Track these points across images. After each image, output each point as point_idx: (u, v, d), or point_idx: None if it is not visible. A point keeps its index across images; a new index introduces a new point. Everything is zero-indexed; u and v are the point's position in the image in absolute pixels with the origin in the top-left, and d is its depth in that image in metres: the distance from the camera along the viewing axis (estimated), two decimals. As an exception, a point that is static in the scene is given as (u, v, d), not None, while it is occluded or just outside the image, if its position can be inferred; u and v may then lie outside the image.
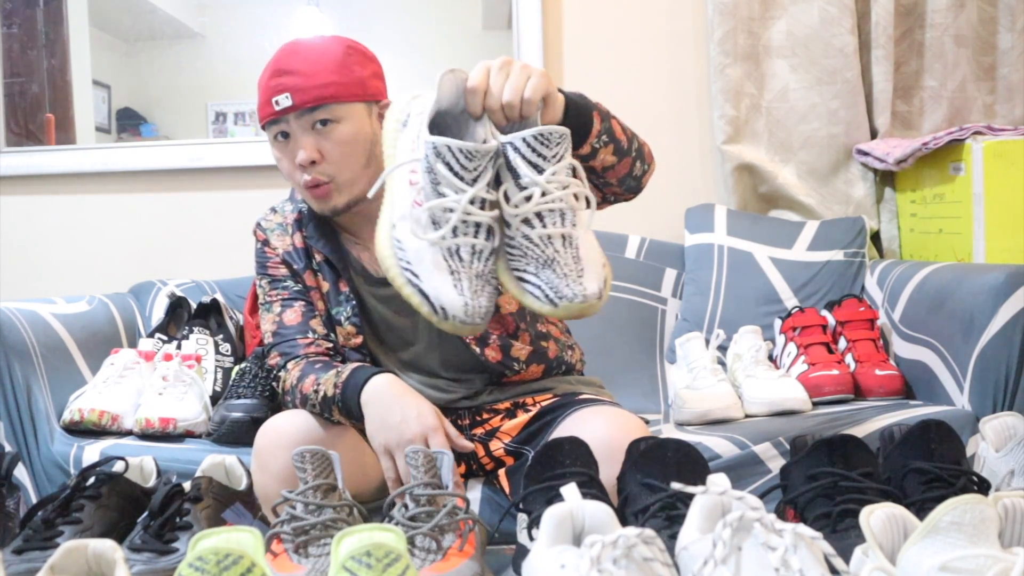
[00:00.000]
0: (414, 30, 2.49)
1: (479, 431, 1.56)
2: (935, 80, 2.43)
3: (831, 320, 2.10)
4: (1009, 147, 2.03)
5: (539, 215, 1.07)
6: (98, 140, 2.76)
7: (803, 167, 2.44)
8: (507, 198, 1.08)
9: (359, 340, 1.53)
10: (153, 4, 2.78)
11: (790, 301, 2.22)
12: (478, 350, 1.53)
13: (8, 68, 2.65)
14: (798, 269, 2.26)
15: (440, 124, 1.12)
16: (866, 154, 2.38)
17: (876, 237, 2.43)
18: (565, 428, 1.42)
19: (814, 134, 2.42)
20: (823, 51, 2.40)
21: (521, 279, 1.08)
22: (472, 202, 1.05)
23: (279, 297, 1.56)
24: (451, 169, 1.05)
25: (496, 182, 1.09)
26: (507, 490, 1.52)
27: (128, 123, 2.79)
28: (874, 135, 2.43)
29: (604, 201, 1.43)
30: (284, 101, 1.42)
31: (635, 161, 1.39)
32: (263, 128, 1.51)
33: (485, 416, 1.57)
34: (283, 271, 1.57)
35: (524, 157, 1.07)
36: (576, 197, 1.10)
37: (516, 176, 1.07)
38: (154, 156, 2.56)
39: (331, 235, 1.55)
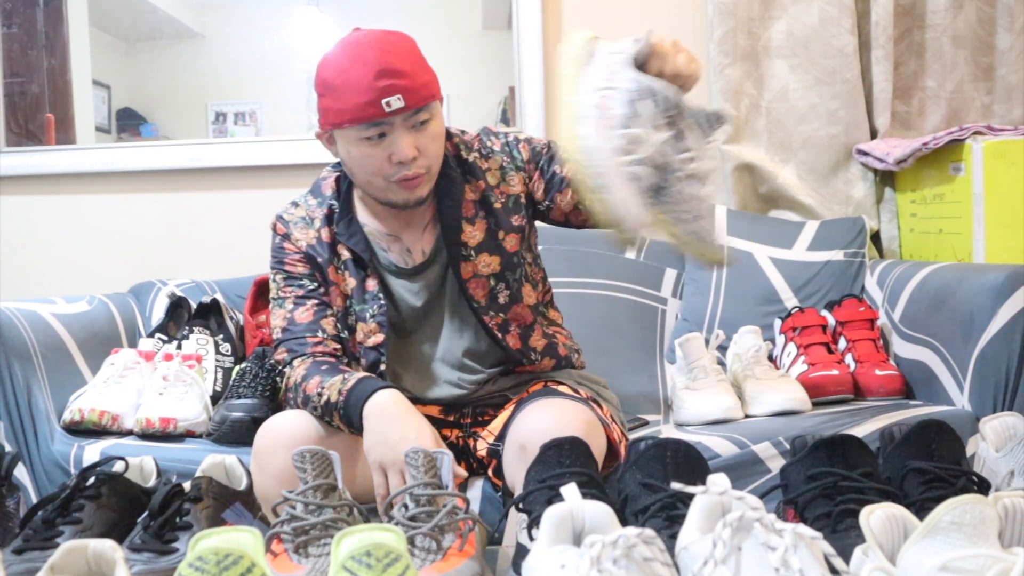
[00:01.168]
0: (414, 30, 2.48)
1: (480, 430, 1.56)
2: (934, 80, 2.43)
3: (831, 320, 2.10)
4: (1009, 147, 2.03)
5: (697, 176, 1.22)
6: (98, 140, 2.76)
7: (803, 167, 2.44)
8: (676, 151, 1.22)
9: (380, 339, 1.53)
10: (153, 4, 2.78)
11: (790, 301, 2.22)
12: (500, 335, 1.54)
13: (8, 68, 2.65)
14: (798, 269, 2.26)
15: None
16: (866, 154, 2.37)
17: (876, 237, 2.43)
18: (514, 424, 1.42)
19: (814, 134, 2.42)
20: (823, 51, 2.40)
21: (683, 223, 1.21)
22: (663, 138, 1.19)
23: (292, 294, 1.57)
24: (657, 109, 1.19)
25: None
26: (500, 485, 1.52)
27: (128, 123, 2.79)
28: (874, 135, 2.43)
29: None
30: (396, 103, 1.40)
31: None
32: (354, 125, 1.43)
33: (488, 416, 1.57)
34: (300, 268, 1.57)
35: (702, 125, 1.23)
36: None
37: (681, 136, 1.22)
38: (154, 156, 2.56)
39: (360, 233, 1.55)
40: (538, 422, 1.35)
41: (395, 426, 1.37)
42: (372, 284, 1.54)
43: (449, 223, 1.53)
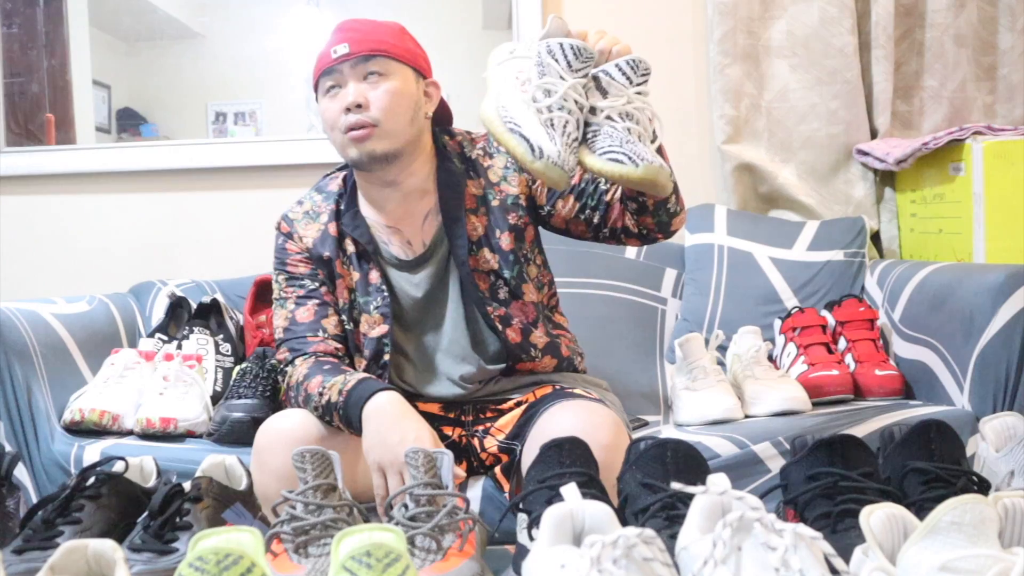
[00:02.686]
0: (414, 30, 2.49)
1: (480, 428, 1.56)
2: (935, 80, 2.43)
3: (831, 320, 2.10)
4: (1009, 147, 2.03)
5: (622, 114, 1.33)
6: (98, 140, 2.76)
7: (803, 167, 2.44)
8: (596, 105, 1.33)
9: (384, 329, 1.55)
10: (153, 4, 2.78)
11: (790, 301, 2.22)
12: (500, 327, 1.55)
13: (8, 68, 2.65)
14: (798, 269, 2.26)
15: None
16: (866, 154, 2.37)
17: (876, 237, 2.43)
18: (540, 425, 1.43)
19: (814, 134, 2.42)
20: (823, 51, 2.40)
21: (604, 153, 1.30)
22: (572, 89, 1.29)
23: (293, 294, 1.59)
24: (560, 61, 1.30)
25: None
26: (505, 488, 1.52)
27: (128, 123, 2.79)
28: (874, 135, 2.43)
29: (638, 237, 1.58)
30: (341, 49, 1.50)
31: (673, 193, 1.49)
32: (316, 85, 1.56)
33: (489, 415, 1.57)
34: (301, 268, 1.60)
35: (621, 71, 1.33)
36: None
37: (604, 93, 1.33)
38: (154, 156, 2.56)
39: (364, 225, 1.58)
40: (568, 422, 1.37)
41: (394, 428, 1.38)
42: (375, 277, 1.56)
43: (452, 213, 1.55)
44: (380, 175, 1.56)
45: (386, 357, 1.55)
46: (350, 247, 1.58)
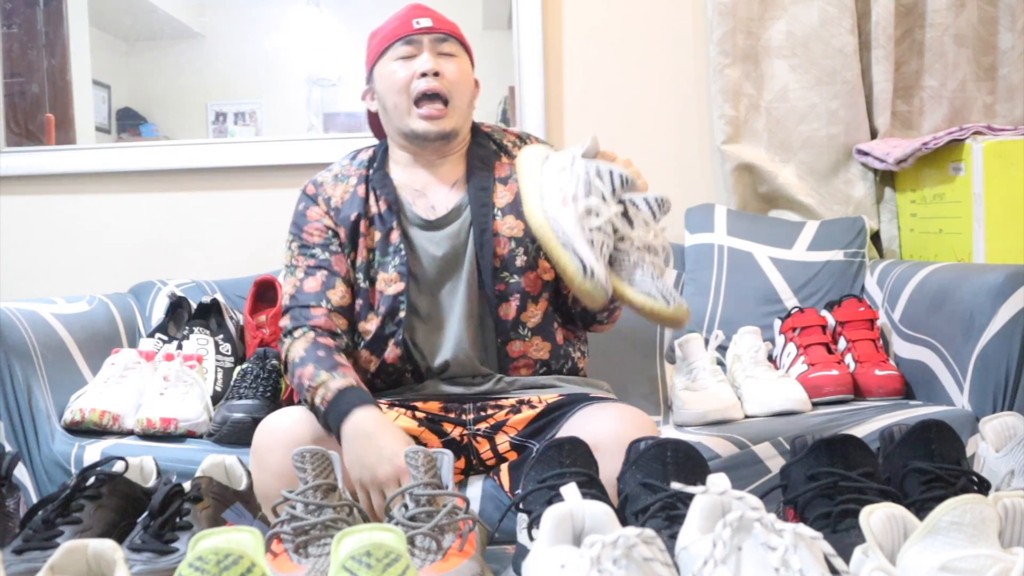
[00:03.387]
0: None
1: (483, 426, 1.56)
2: (935, 80, 2.43)
3: (831, 320, 2.10)
4: (1009, 147, 2.03)
5: (648, 247, 1.40)
6: (98, 140, 2.75)
7: (803, 167, 2.44)
8: (625, 233, 1.41)
9: (400, 287, 1.59)
10: (153, 4, 2.78)
11: (790, 301, 2.22)
12: (496, 302, 1.58)
13: (8, 68, 2.65)
14: (798, 269, 2.26)
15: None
16: (866, 154, 2.37)
17: (876, 237, 2.43)
18: (573, 424, 1.46)
19: (814, 134, 2.42)
20: (823, 51, 2.40)
21: (639, 285, 1.39)
22: (615, 215, 1.38)
23: (304, 263, 1.62)
24: (607, 186, 1.39)
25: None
26: (507, 487, 1.52)
27: (128, 123, 2.79)
28: (874, 135, 2.43)
29: (586, 328, 1.71)
30: (424, 22, 1.60)
31: (605, 317, 1.66)
32: (384, 52, 1.63)
33: (489, 411, 1.57)
34: (316, 238, 1.63)
35: (649, 205, 1.41)
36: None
37: (631, 222, 1.41)
38: (154, 156, 2.56)
39: (391, 186, 1.64)
40: (609, 422, 1.41)
41: (370, 447, 1.40)
42: (395, 236, 1.60)
43: (480, 181, 1.63)
44: (430, 153, 1.64)
45: (401, 314, 1.58)
46: (374, 207, 1.63)
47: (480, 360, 1.60)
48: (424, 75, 1.57)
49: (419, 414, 1.58)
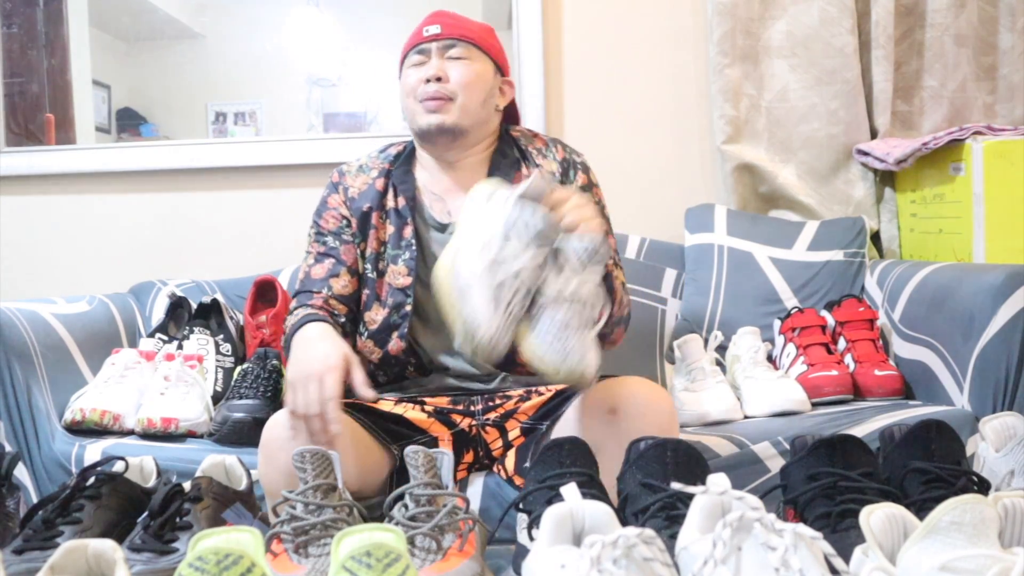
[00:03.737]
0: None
1: (492, 415, 1.57)
2: (935, 80, 2.43)
3: (830, 320, 2.10)
4: (1009, 147, 2.03)
5: (570, 296, 1.31)
6: (98, 140, 2.76)
7: (803, 167, 2.44)
8: (547, 281, 1.33)
9: (408, 281, 1.62)
10: (153, 4, 2.78)
11: (790, 301, 2.22)
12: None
13: (8, 68, 2.65)
14: (798, 269, 2.26)
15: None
16: (866, 154, 2.37)
17: (876, 237, 2.43)
18: (589, 395, 1.47)
19: (814, 134, 2.42)
20: (823, 51, 2.40)
21: (538, 339, 1.31)
22: (531, 261, 1.31)
23: (316, 250, 1.68)
24: (527, 232, 1.31)
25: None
26: (511, 471, 1.53)
27: (128, 123, 2.79)
28: (874, 135, 2.43)
29: None
30: (432, 29, 1.65)
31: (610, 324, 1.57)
32: (404, 61, 1.69)
33: (498, 401, 1.58)
34: (331, 225, 1.68)
35: (577, 253, 1.33)
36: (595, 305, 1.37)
37: (560, 270, 1.33)
38: (154, 156, 2.56)
39: (412, 185, 1.68)
40: (631, 389, 1.43)
41: (308, 347, 1.47)
42: (408, 232, 1.64)
43: None
44: (441, 150, 1.66)
45: (407, 307, 1.61)
46: (391, 202, 1.67)
47: (482, 368, 1.61)
48: (428, 81, 1.61)
49: (427, 407, 1.58)
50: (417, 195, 1.67)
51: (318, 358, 1.42)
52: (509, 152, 1.68)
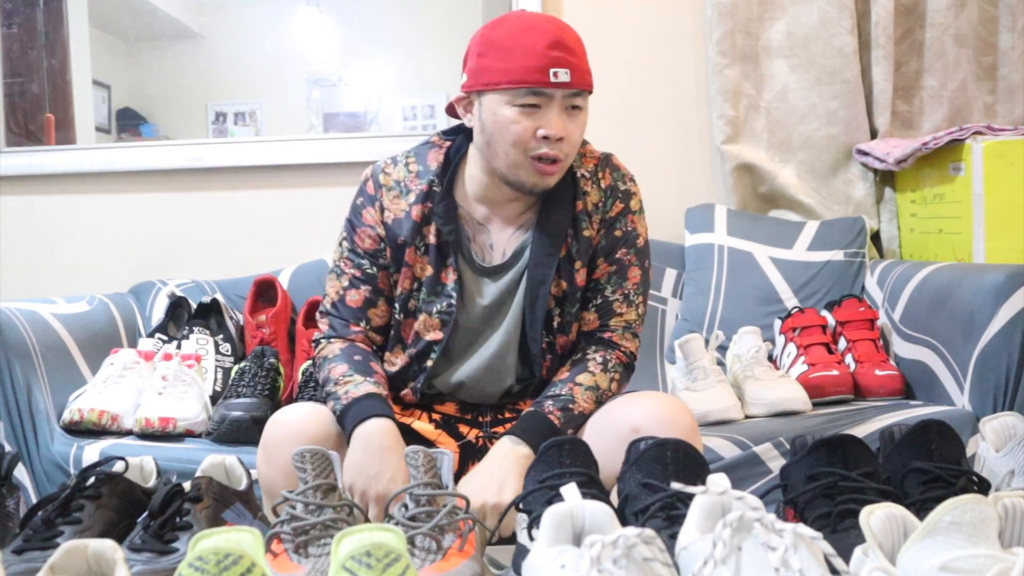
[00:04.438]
0: (414, 30, 2.49)
1: (501, 429, 1.55)
2: (935, 80, 2.43)
3: (831, 320, 2.10)
4: (1009, 147, 2.03)
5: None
6: (98, 140, 2.76)
7: (803, 167, 2.44)
8: None
9: (439, 336, 1.51)
10: (153, 4, 2.78)
11: (790, 301, 2.22)
12: (539, 359, 1.52)
13: (8, 68, 2.65)
14: (798, 269, 2.26)
15: None
16: (866, 154, 2.37)
17: (876, 237, 2.43)
18: (608, 410, 1.44)
19: (814, 134, 2.42)
20: (823, 51, 2.40)
21: None
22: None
23: (351, 273, 1.54)
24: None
25: None
26: None
27: (128, 123, 2.79)
28: (874, 135, 2.43)
29: None
30: (563, 76, 1.39)
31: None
32: (502, 89, 1.41)
33: (508, 415, 1.56)
34: (368, 244, 1.53)
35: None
36: None
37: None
38: (154, 156, 2.56)
39: (455, 221, 1.50)
40: (652, 407, 1.39)
41: (374, 461, 1.37)
42: (449, 279, 1.50)
43: (552, 228, 1.49)
44: (492, 206, 1.51)
45: (429, 363, 1.52)
46: (430, 236, 1.50)
47: (496, 398, 1.58)
48: (547, 138, 1.40)
49: (435, 416, 1.57)
50: (461, 227, 1.51)
51: (386, 479, 1.35)
52: (563, 182, 1.49)
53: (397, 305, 1.53)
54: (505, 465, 1.38)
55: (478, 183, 1.51)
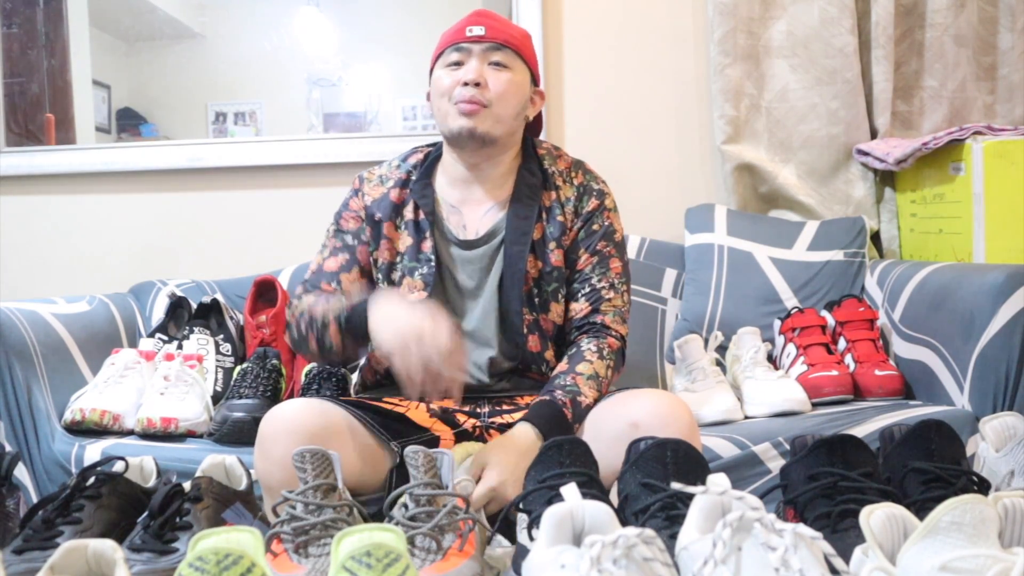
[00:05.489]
0: (414, 30, 2.48)
1: (499, 420, 1.56)
2: (935, 80, 2.43)
3: (830, 320, 2.10)
4: (1009, 147, 2.03)
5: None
6: (98, 140, 2.76)
7: (803, 167, 2.44)
8: None
9: (423, 295, 1.59)
10: (153, 4, 2.78)
11: (790, 301, 2.22)
12: (526, 332, 1.59)
13: (8, 68, 2.65)
14: (798, 269, 2.26)
15: None
16: (866, 154, 2.37)
17: (876, 237, 2.43)
18: (608, 406, 1.46)
19: (814, 134, 2.42)
20: (823, 51, 2.40)
21: None
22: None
23: (332, 244, 1.65)
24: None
25: None
26: None
27: (128, 123, 2.79)
28: (874, 135, 2.43)
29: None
30: (477, 30, 1.58)
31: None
32: (438, 59, 1.62)
33: (506, 407, 1.58)
34: (351, 224, 1.65)
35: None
36: None
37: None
38: (154, 156, 2.56)
39: (432, 198, 1.64)
40: (651, 405, 1.41)
41: (403, 303, 1.39)
42: (427, 246, 1.61)
43: (522, 210, 1.60)
44: (469, 155, 1.61)
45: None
46: (408, 214, 1.63)
47: (490, 375, 1.62)
48: (466, 84, 1.55)
49: (432, 405, 1.58)
50: (436, 208, 1.63)
51: (402, 315, 1.36)
52: (534, 173, 1.64)
53: (380, 275, 1.63)
54: (529, 458, 1.37)
55: (449, 169, 1.65)
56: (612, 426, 1.41)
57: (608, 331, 1.59)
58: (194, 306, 2.22)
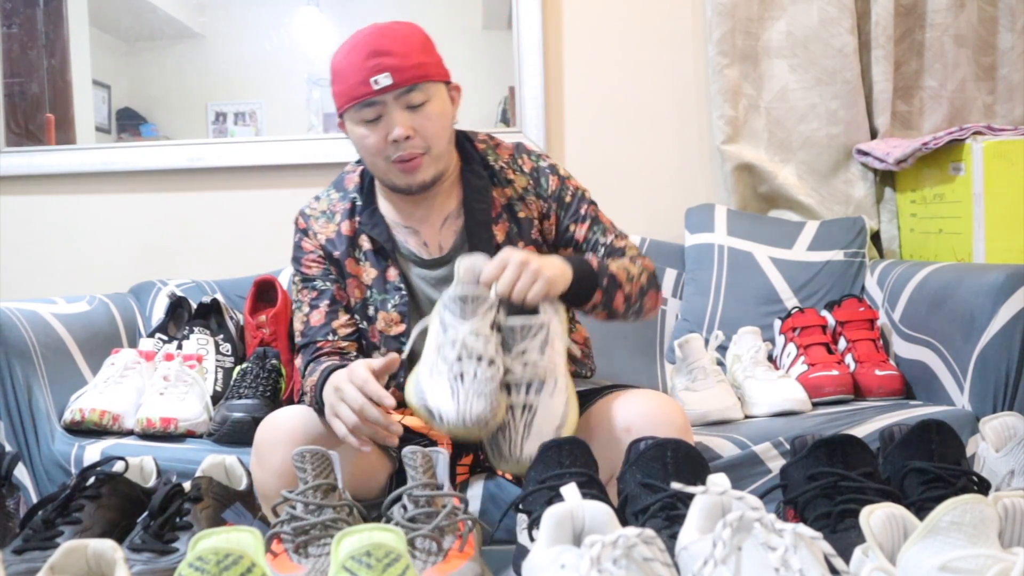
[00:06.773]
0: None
1: None
2: (935, 80, 2.43)
3: (831, 320, 2.10)
4: (1009, 147, 2.03)
5: (507, 385, 1.31)
6: (98, 140, 2.75)
7: (803, 167, 2.44)
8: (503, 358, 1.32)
9: (402, 328, 1.55)
10: (153, 4, 2.78)
11: (790, 301, 2.22)
12: None
13: (8, 68, 2.65)
14: (798, 269, 2.26)
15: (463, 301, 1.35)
16: (866, 154, 2.37)
17: (876, 237, 2.43)
18: (601, 408, 1.45)
19: (814, 134, 2.42)
20: (823, 51, 2.40)
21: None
22: (469, 337, 1.28)
23: (308, 298, 1.60)
24: (454, 314, 1.30)
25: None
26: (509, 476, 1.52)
27: (128, 123, 2.79)
28: (874, 135, 2.43)
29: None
30: (384, 80, 1.44)
31: (629, 317, 1.55)
32: (346, 110, 1.49)
33: None
34: (314, 269, 1.59)
35: (512, 331, 1.32)
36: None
37: (507, 347, 1.33)
38: (154, 156, 2.56)
39: (382, 224, 1.58)
40: (644, 406, 1.40)
41: (342, 372, 1.39)
42: (393, 274, 1.56)
43: (479, 219, 1.55)
44: (419, 198, 1.56)
45: (404, 355, 1.54)
46: (365, 244, 1.58)
47: None
48: (396, 141, 1.46)
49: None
50: (391, 234, 1.57)
51: (343, 377, 1.37)
52: (479, 174, 1.58)
53: (357, 316, 1.58)
54: (546, 261, 1.37)
55: (388, 194, 1.59)
56: (605, 429, 1.41)
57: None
58: (194, 306, 2.22)
